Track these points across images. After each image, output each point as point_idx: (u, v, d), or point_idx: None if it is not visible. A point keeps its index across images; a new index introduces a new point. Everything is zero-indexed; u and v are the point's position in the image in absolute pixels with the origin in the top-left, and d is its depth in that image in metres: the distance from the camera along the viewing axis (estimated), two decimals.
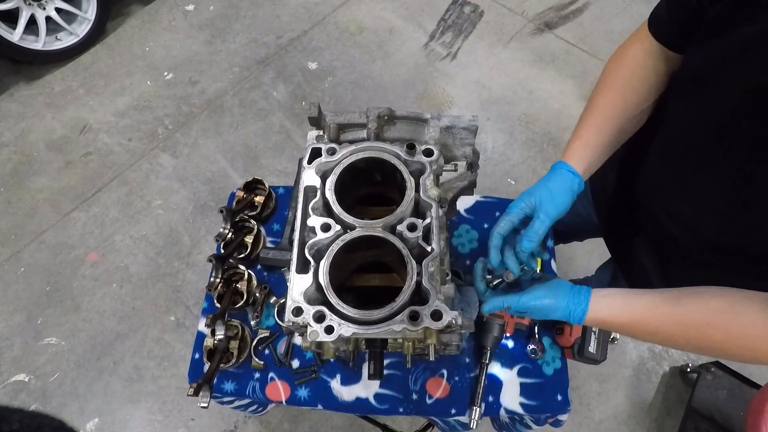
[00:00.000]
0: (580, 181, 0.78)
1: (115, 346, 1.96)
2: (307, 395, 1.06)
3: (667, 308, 0.66)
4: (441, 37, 2.77)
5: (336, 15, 2.87)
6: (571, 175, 0.77)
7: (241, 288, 1.11)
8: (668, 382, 1.85)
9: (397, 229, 0.71)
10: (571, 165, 0.78)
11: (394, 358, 1.08)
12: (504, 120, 2.47)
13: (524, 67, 2.64)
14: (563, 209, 0.75)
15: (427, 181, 0.76)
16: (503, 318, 1.03)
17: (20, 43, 2.47)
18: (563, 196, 0.75)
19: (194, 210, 2.25)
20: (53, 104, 2.59)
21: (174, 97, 2.60)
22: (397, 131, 0.85)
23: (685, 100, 0.74)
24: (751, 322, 0.60)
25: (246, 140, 2.45)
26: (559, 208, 0.74)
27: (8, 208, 2.28)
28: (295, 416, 1.80)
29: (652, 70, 0.79)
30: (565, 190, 0.75)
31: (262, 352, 1.10)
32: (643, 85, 0.80)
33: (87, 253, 2.16)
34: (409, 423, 1.74)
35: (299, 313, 0.68)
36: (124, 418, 1.83)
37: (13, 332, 1.99)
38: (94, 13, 2.68)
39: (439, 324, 0.67)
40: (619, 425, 1.79)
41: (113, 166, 2.39)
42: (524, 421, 1.09)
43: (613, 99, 0.81)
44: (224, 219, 1.15)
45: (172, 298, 2.05)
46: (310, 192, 0.78)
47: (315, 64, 2.69)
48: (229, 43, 2.79)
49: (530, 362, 1.07)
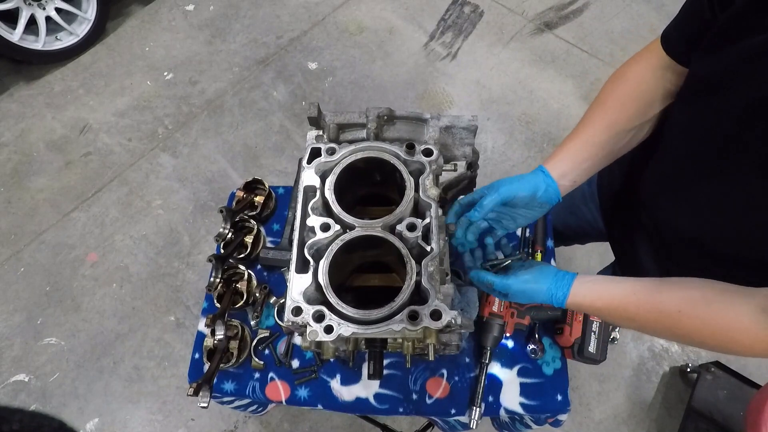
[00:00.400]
0: (550, 183, 0.80)
1: (115, 346, 1.96)
2: (307, 395, 1.06)
3: (645, 295, 0.68)
4: (441, 37, 2.77)
5: (336, 15, 2.87)
6: (542, 175, 0.81)
7: (241, 288, 1.11)
8: (668, 382, 1.85)
9: (396, 229, 0.71)
10: (545, 167, 0.82)
11: (393, 358, 1.08)
12: (504, 120, 2.47)
13: (524, 67, 2.64)
14: (520, 195, 0.79)
15: (426, 180, 0.76)
16: (503, 318, 1.03)
17: (20, 43, 2.47)
18: (524, 185, 0.79)
19: (194, 210, 2.26)
20: (53, 104, 2.59)
21: (174, 97, 2.60)
22: (396, 131, 0.85)
23: (690, 110, 0.73)
24: (722, 311, 0.61)
25: (246, 140, 2.45)
26: (513, 193, 0.78)
27: (8, 208, 2.28)
28: (295, 416, 1.80)
29: (658, 85, 0.79)
30: (530, 182, 0.80)
31: (262, 352, 1.10)
32: (643, 100, 0.80)
33: (87, 253, 2.16)
34: (409, 423, 1.74)
35: (299, 313, 0.68)
36: (124, 418, 1.83)
37: (13, 332, 1.99)
38: (94, 13, 2.68)
39: (439, 324, 0.67)
40: (619, 425, 1.79)
41: (113, 166, 2.39)
42: (524, 421, 1.09)
43: (606, 113, 0.82)
44: (224, 219, 1.15)
45: (172, 298, 2.05)
46: (310, 192, 0.78)
47: (315, 64, 2.69)
48: (229, 43, 2.79)
49: (530, 362, 1.07)
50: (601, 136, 0.81)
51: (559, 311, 1.03)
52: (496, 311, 1.02)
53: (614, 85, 0.83)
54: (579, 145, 0.82)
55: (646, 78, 0.79)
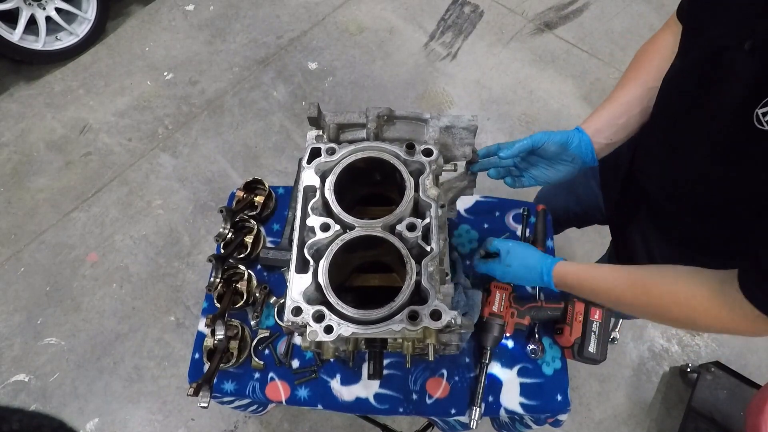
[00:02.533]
0: (583, 137, 0.84)
1: (115, 346, 1.96)
2: (307, 395, 1.06)
3: (623, 272, 0.77)
4: (441, 37, 2.77)
5: (336, 15, 2.87)
6: (577, 130, 0.85)
7: (241, 288, 1.11)
8: (668, 382, 1.85)
9: (396, 229, 0.71)
10: (581, 126, 0.86)
11: (393, 358, 1.08)
12: (504, 120, 2.47)
13: (524, 67, 2.64)
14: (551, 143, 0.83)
15: (426, 180, 0.76)
16: (503, 318, 1.03)
17: (20, 43, 2.47)
18: (557, 134, 0.83)
19: (194, 210, 2.26)
20: (53, 104, 2.59)
21: (174, 97, 2.60)
22: (396, 131, 0.85)
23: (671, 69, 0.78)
24: (687, 284, 0.68)
25: (246, 140, 2.45)
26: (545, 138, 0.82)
27: (8, 208, 2.28)
28: (295, 416, 1.80)
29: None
30: (563, 133, 0.84)
31: (262, 352, 1.10)
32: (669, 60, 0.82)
33: (87, 253, 2.16)
34: (409, 423, 1.74)
35: (299, 313, 0.68)
36: (124, 418, 1.83)
37: (13, 332, 1.99)
38: (94, 13, 2.68)
39: (439, 324, 0.67)
40: (619, 425, 1.79)
41: (113, 166, 2.39)
42: (524, 421, 1.09)
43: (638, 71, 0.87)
44: (224, 219, 1.15)
45: (172, 298, 2.05)
46: (310, 192, 0.78)
47: (315, 64, 2.69)
48: (229, 43, 2.79)
49: (530, 362, 1.07)
50: (633, 92, 0.85)
51: (558, 311, 1.03)
52: (496, 311, 1.02)
53: (644, 49, 0.89)
54: (613, 104, 0.86)
55: (669, 42, 0.83)
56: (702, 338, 1.92)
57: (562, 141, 0.82)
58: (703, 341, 1.91)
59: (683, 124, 0.72)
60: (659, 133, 0.81)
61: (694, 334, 1.93)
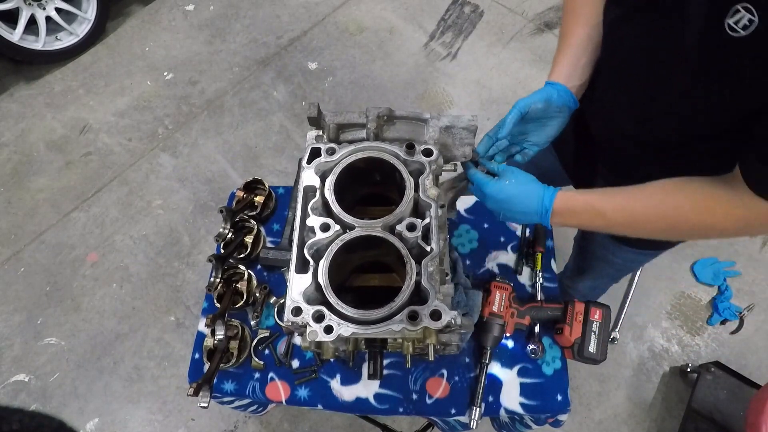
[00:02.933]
0: (559, 87, 0.86)
1: (115, 346, 1.96)
2: (307, 395, 1.06)
3: (635, 188, 0.76)
4: (441, 37, 2.77)
5: (336, 15, 2.87)
6: (549, 85, 0.88)
7: (241, 288, 1.11)
8: (668, 382, 1.85)
9: (396, 229, 0.71)
10: (549, 79, 0.89)
11: (393, 358, 1.08)
12: None
13: (524, 67, 2.64)
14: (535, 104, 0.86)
15: (426, 180, 0.76)
16: (503, 318, 1.03)
17: (20, 43, 2.47)
18: (535, 95, 0.86)
19: (194, 210, 2.26)
20: (53, 104, 2.60)
21: (174, 97, 2.60)
22: (396, 131, 0.85)
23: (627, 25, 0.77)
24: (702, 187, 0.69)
25: (246, 140, 2.45)
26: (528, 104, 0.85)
27: (8, 208, 2.28)
28: (295, 416, 1.80)
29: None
30: (540, 92, 0.86)
31: (262, 352, 1.10)
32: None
33: (87, 253, 2.16)
34: (409, 423, 1.74)
35: (298, 313, 0.68)
36: (124, 418, 1.83)
37: (13, 332, 1.99)
38: (94, 13, 2.68)
39: (438, 324, 0.67)
40: (619, 425, 1.79)
41: (113, 166, 2.39)
42: (524, 421, 1.09)
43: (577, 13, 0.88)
44: (224, 219, 1.15)
45: (172, 298, 2.05)
46: (310, 192, 0.78)
47: (315, 64, 2.69)
48: (229, 43, 2.79)
49: (530, 362, 1.07)
50: (581, 33, 0.87)
51: (558, 311, 1.03)
52: (496, 311, 1.02)
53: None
54: (568, 49, 0.88)
55: None
56: (702, 338, 1.92)
57: (544, 98, 0.85)
58: (703, 341, 1.91)
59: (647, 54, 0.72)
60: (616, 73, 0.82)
61: (694, 333, 1.93)
